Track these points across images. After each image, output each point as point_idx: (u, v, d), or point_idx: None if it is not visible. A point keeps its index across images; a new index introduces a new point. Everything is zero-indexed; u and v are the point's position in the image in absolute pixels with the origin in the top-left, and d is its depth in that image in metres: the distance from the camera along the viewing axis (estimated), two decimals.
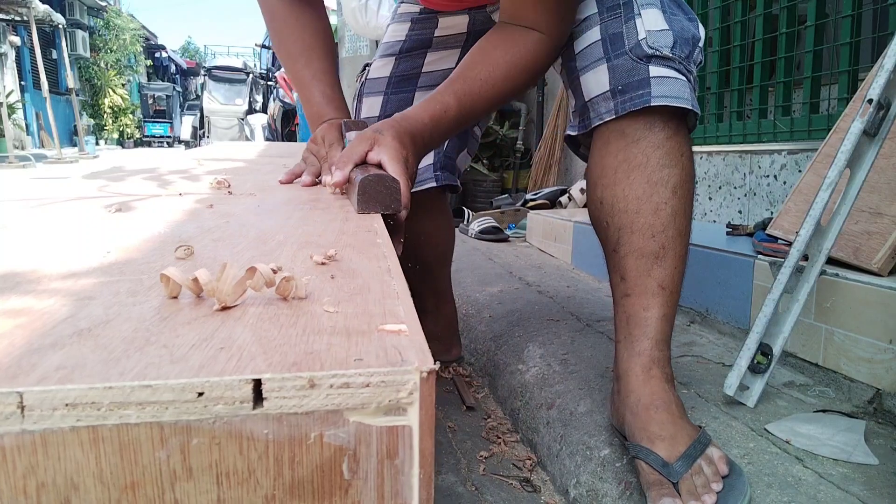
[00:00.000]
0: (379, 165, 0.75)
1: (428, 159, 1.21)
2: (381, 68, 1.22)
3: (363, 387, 0.23)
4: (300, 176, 0.95)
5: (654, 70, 0.84)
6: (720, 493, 0.76)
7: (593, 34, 0.90)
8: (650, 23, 0.87)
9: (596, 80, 0.88)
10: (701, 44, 0.90)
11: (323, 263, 0.41)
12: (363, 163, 0.76)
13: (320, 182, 0.91)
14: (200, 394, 0.22)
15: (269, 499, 0.23)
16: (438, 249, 1.35)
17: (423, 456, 0.23)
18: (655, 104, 0.83)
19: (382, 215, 0.67)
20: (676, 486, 0.76)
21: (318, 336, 0.27)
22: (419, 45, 1.20)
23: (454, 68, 1.18)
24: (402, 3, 1.23)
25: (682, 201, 0.86)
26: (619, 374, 0.88)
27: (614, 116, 0.86)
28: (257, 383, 0.23)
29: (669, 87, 0.84)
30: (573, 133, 0.96)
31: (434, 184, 1.22)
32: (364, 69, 1.27)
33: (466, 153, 1.31)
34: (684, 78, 0.85)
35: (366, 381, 0.23)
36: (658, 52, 0.85)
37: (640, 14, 0.87)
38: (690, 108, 0.84)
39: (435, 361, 0.24)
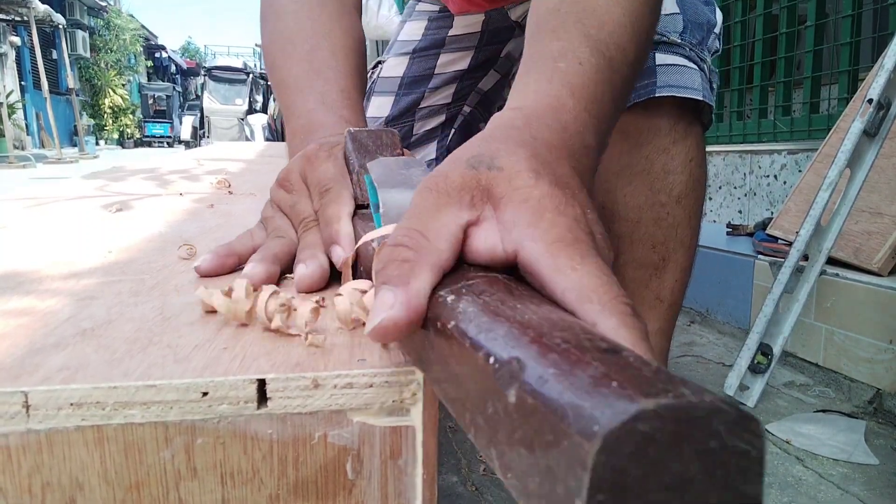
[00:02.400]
0: (513, 267, 0.26)
1: (430, 154, 1.06)
2: (395, 67, 1.16)
3: (367, 387, 0.23)
4: (244, 260, 0.42)
5: (661, 58, 0.75)
6: None
7: None
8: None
9: None
10: (717, 30, 0.81)
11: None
12: (458, 265, 0.26)
13: (287, 275, 0.41)
14: (205, 393, 0.23)
15: (273, 498, 0.23)
16: None
17: (426, 456, 0.23)
18: (661, 95, 0.74)
19: None
20: None
21: (322, 336, 0.27)
22: (433, 45, 1.16)
23: (465, 69, 1.09)
24: (420, 0, 1.21)
25: (687, 211, 0.80)
26: None
27: None
28: (261, 383, 0.23)
29: (677, 76, 0.75)
30: None
31: None
32: (375, 66, 1.25)
33: None
34: (695, 66, 0.76)
35: (369, 382, 0.23)
36: (665, 38, 0.76)
37: None
38: (701, 98, 0.75)
39: None
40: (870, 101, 1.01)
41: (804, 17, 1.70)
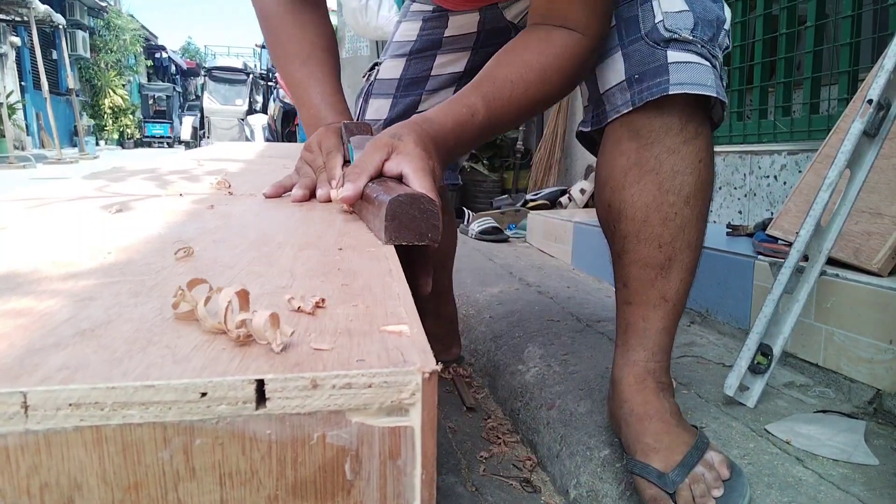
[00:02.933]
0: (399, 178, 0.62)
1: None
2: (392, 69, 1.17)
3: (365, 387, 0.23)
4: (289, 189, 0.82)
5: (673, 55, 0.76)
6: (720, 497, 0.74)
7: None
8: (668, 4, 0.78)
9: (611, 70, 0.81)
10: (727, 26, 0.81)
11: (304, 312, 0.33)
12: (379, 175, 0.63)
13: (314, 198, 0.79)
14: (203, 394, 0.23)
15: (271, 499, 0.23)
16: (440, 250, 1.30)
17: (425, 456, 0.23)
18: (674, 92, 0.75)
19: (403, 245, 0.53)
20: (674, 496, 0.74)
21: (321, 337, 0.27)
22: (429, 46, 1.14)
23: (462, 71, 1.14)
24: (414, 0, 1.20)
25: (695, 211, 0.81)
26: (614, 380, 0.86)
27: (631, 108, 0.79)
28: (260, 383, 0.23)
29: (690, 73, 0.76)
30: (586, 129, 0.88)
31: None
32: (373, 68, 1.22)
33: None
34: (708, 63, 0.77)
35: (368, 382, 0.23)
36: (677, 36, 0.77)
37: None
38: (714, 95, 0.76)
39: (437, 363, 0.24)
40: (870, 101, 1.01)
41: (804, 18, 1.70)
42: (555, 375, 1.20)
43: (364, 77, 1.23)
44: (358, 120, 1.16)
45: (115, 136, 17.92)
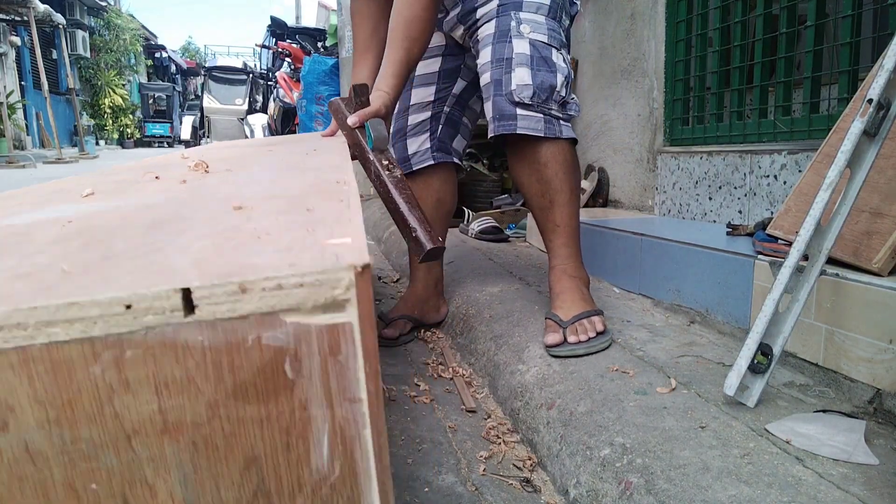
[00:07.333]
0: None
1: (425, 144, 1.63)
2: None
3: (297, 287, 0.23)
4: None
5: (520, 111, 1.32)
6: (591, 338, 1.24)
7: (487, 76, 1.37)
8: (518, 78, 1.32)
9: (489, 108, 1.37)
10: (559, 87, 1.34)
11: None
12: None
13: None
14: (128, 306, 0.22)
15: (212, 405, 0.23)
16: (444, 209, 1.69)
17: (366, 350, 0.23)
18: (519, 132, 1.32)
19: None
20: (566, 330, 1.26)
21: (259, 256, 0.27)
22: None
23: (438, 71, 1.61)
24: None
25: (551, 172, 1.35)
26: (548, 279, 1.40)
27: (494, 134, 1.35)
28: (186, 292, 0.22)
29: (527, 122, 1.32)
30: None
31: (431, 162, 1.62)
32: None
33: (461, 138, 1.68)
34: (540, 115, 1.33)
35: (299, 282, 0.23)
36: (521, 102, 1.32)
37: (514, 70, 1.32)
38: (542, 135, 1.33)
39: (426, 327, 0.22)
40: (870, 101, 1.00)
41: (804, 17, 1.69)
42: (555, 375, 1.18)
43: None
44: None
45: (115, 135, 17.93)
